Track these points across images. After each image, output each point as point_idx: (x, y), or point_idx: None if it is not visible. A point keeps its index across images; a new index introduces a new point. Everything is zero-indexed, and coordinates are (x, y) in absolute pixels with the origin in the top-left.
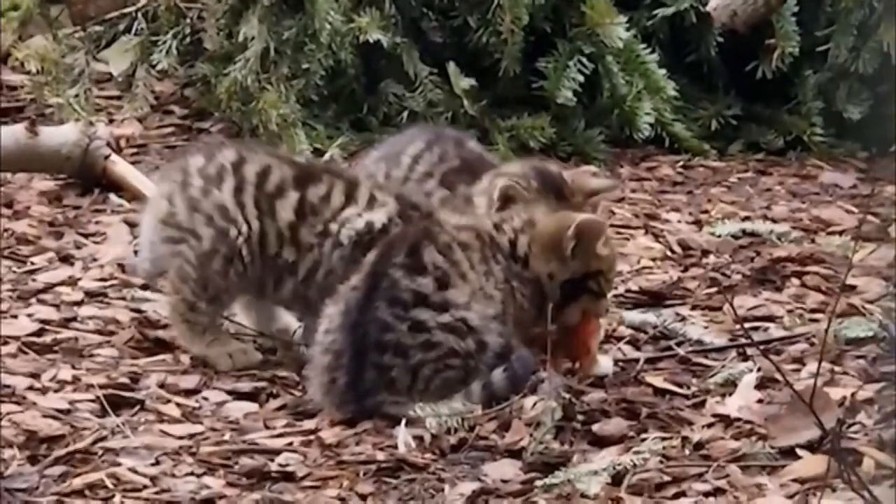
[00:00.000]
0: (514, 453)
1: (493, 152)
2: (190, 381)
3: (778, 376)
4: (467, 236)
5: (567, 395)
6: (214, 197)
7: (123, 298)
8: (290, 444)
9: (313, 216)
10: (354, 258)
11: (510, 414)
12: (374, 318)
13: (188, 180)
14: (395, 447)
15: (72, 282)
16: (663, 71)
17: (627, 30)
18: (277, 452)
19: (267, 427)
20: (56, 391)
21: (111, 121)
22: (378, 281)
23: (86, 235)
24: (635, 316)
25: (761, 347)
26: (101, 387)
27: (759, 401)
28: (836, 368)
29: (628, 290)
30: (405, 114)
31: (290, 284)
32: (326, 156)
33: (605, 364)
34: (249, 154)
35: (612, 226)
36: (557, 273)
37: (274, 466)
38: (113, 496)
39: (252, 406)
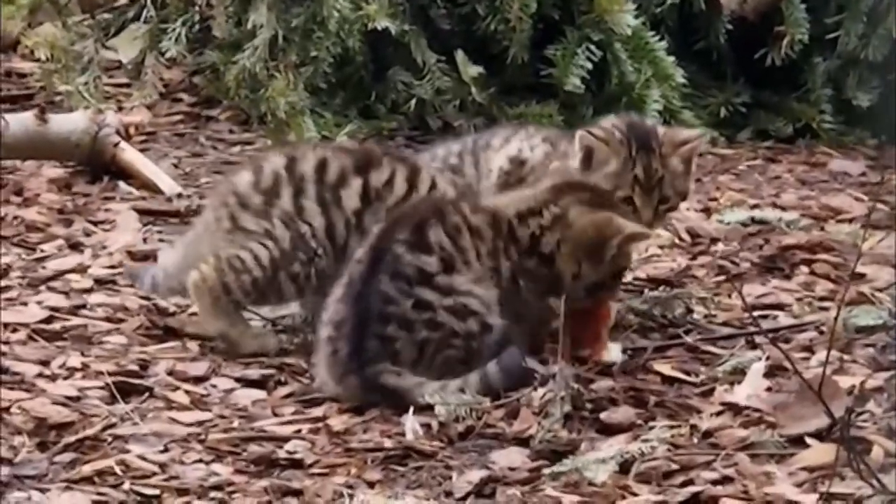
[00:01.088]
0: (522, 441)
1: None
2: (199, 369)
3: (787, 365)
4: (480, 220)
5: (576, 386)
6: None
7: (132, 286)
8: (299, 431)
9: (378, 202)
10: None
11: (518, 402)
12: (377, 290)
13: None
14: (403, 435)
15: (81, 269)
16: (672, 58)
17: (636, 17)
18: (286, 440)
19: (275, 414)
20: (65, 378)
21: (120, 108)
22: (382, 255)
23: (95, 223)
24: None
25: (770, 336)
26: (111, 374)
27: (768, 389)
28: (845, 357)
29: (636, 278)
30: (413, 101)
31: None
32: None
33: (614, 352)
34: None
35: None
36: (586, 275)
37: (282, 454)
38: (122, 483)
39: (260, 393)
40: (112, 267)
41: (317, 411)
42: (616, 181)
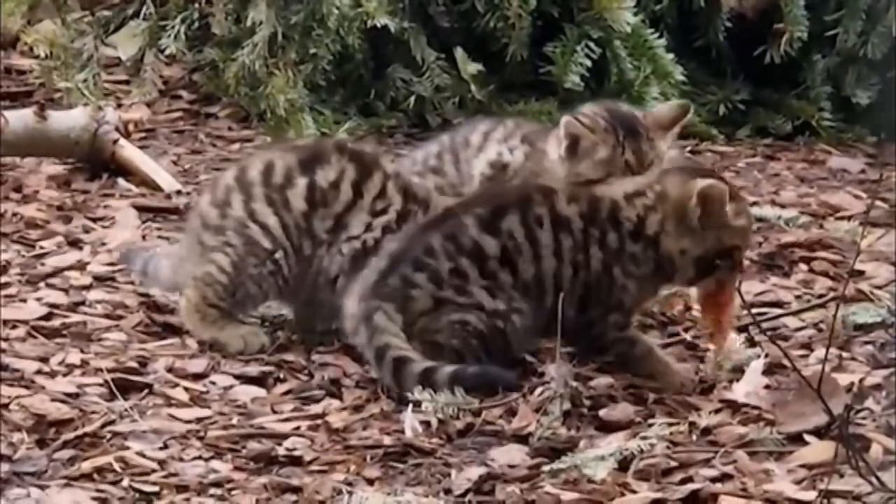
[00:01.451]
0: (521, 438)
1: None
2: (198, 366)
3: (786, 362)
4: (574, 211)
5: (575, 384)
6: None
7: (132, 283)
8: (298, 428)
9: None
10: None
11: (517, 400)
12: (425, 241)
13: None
14: (402, 432)
15: (80, 266)
16: (671, 55)
17: (635, 14)
18: (285, 437)
19: (274, 411)
20: (64, 375)
21: (119, 105)
22: (449, 217)
23: (94, 220)
24: None
25: (769, 333)
26: (110, 371)
27: (767, 386)
28: (844, 354)
29: None
30: (412, 99)
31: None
32: None
33: (737, 345)
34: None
35: None
36: (691, 249)
37: (281, 451)
38: (121, 480)
39: (260, 390)
40: (111, 264)
41: (316, 408)
42: (607, 167)
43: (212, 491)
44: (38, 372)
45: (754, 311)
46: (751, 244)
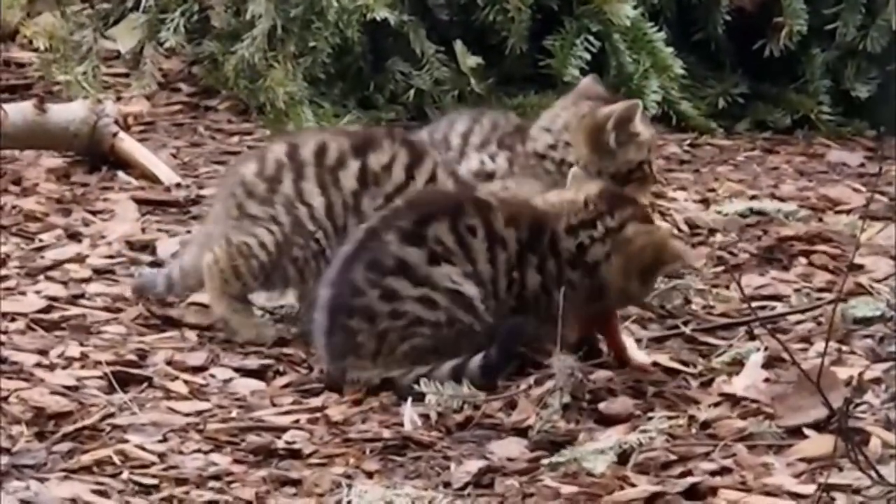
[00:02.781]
0: (521, 432)
1: None
2: (197, 358)
3: (785, 355)
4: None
5: (578, 376)
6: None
7: (131, 275)
8: (297, 421)
9: (375, 185)
10: None
11: (517, 393)
12: (349, 280)
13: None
14: (402, 425)
15: (79, 259)
16: (670, 49)
17: (634, 8)
18: (284, 430)
19: (274, 404)
20: (64, 368)
21: (119, 98)
22: (370, 240)
23: (93, 213)
24: None
25: (768, 326)
26: (109, 363)
27: (766, 380)
28: (844, 348)
29: None
30: (412, 92)
31: None
32: None
33: (639, 353)
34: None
35: None
36: (630, 289)
37: (280, 444)
38: (121, 472)
39: (259, 383)
40: (111, 257)
41: (315, 401)
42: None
43: (211, 484)
44: (38, 365)
45: (754, 304)
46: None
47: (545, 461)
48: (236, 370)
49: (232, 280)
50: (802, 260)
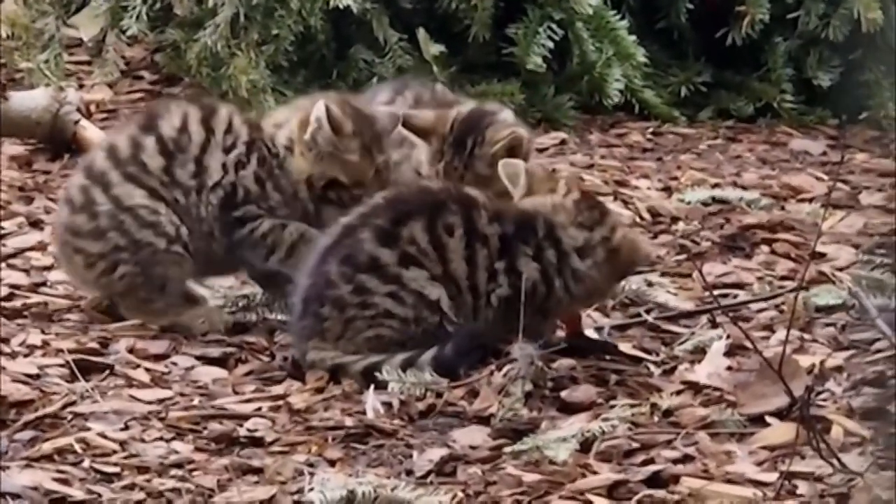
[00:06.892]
0: (483, 420)
1: None
2: (159, 347)
3: (747, 344)
4: (493, 229)
5: (539, 364)
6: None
7: None
8: (259, 409)
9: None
10: None
11: (480, 381)
12: (324, 272)
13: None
14: (364, 413)
15: (41, 247)
16: (633, 37)
17: None
18: (246, 418)
19: (236, 392)
20: (25, 356)
21: (81, 86)
22: (348, 235)
23: (56, 200)
24: None
25: (730, 314)
26: (71, 351)
27: (729, 368)
28: (806, 336)
29: None
30: (375, 80)
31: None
32: None
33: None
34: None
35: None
36: (602, 288)
37: (242, 431)
38: (82, 461)
39: (221, 371)
40: None
41: (277, 389)
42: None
43: (173, 472)
44: None
45: (716, 292)
46: None
47: (507, 449)
48: (198, 358)
49: (141, 305)
50: (765, 248)
